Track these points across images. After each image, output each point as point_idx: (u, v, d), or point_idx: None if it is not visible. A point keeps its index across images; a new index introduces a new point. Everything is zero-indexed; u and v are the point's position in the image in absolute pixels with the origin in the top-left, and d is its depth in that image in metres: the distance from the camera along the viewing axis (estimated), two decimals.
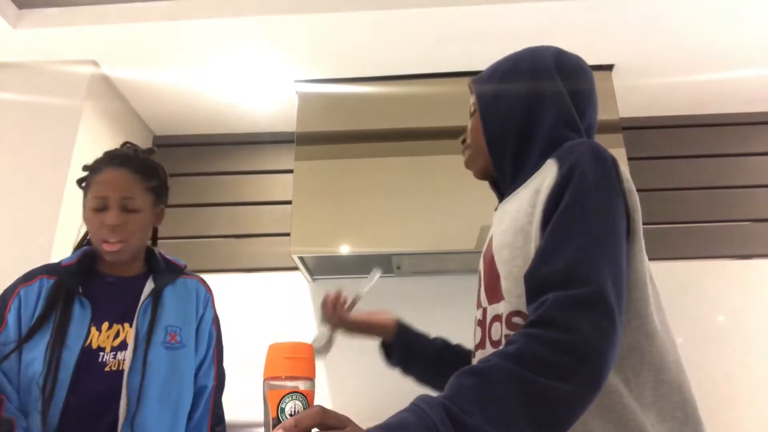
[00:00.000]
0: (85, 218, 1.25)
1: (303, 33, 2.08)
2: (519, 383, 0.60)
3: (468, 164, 1.04)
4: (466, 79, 1.05)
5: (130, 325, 1.19)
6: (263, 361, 0.64)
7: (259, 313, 2.34)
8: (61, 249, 1.90)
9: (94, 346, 1.15)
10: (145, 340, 1.18)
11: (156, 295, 1.25)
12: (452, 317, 2.33)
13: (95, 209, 1.22)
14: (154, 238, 1.43)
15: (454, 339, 1.13)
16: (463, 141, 1.05)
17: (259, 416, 0.62)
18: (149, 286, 1.25)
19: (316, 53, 2.19)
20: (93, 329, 1.16)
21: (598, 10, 1.98)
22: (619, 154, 2.08)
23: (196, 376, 1.28)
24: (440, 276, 2.34)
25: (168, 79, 2.30)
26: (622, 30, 2.06)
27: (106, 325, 1.18)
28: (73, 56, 2.16)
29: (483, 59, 1.01)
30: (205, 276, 2.38)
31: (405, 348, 1.08)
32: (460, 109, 2.26)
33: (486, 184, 1.05)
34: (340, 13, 2.00)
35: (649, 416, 0.72)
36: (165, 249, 2.44)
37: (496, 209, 0.97)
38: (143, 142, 2.60)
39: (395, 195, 2.11)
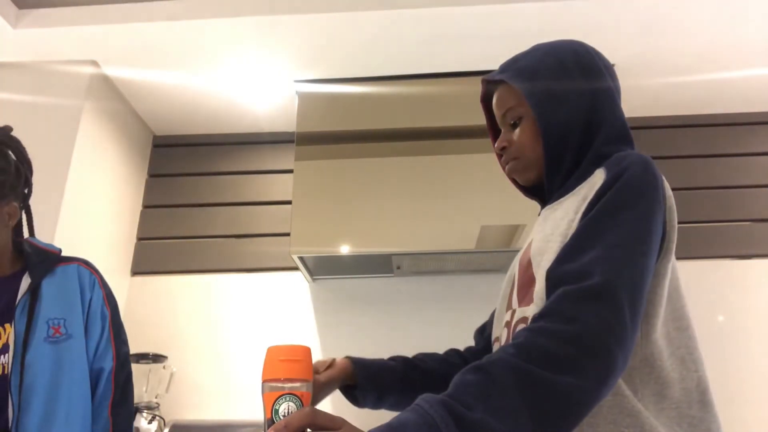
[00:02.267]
0: None
1: (303, 33, 2.08)
2: (521, 375, 0.59)
3: (514, 175, 0.95)
4: (467, 79, 1.02)
5: (11, 326, 1.14)
6: (262, 360, 0.65)
7: (259, 313, 2.34)
8: (61, 248, 1.90)
9: None
10: (23, 339, 1.13)
11: (34, 291, 1.19)
12: (452, 317, 2.34)
13: None
14: (20, 233, 1.33)
15: (455, 339, 1.13)
16: (502, 149, 0.95)
17: (258, 416, 0.62)
18: (26, 282, 1.19)
19: (316, 53, 2.19)
20: None
21: (598, 10, 1.98)
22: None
23: (93, 359, 1.23)
24: (440, 276, 2.34)
25: (168, 79, 2.30)
26: (622, 30, 2.06)
27: None
28: (73, 56, 2.17)
29: (483, 59, 1.00)
30: (205, 276, 2.43)
31: (373, 384, 1.00)
32: (460, 109, 2.28)
33: (486, 184, 1.05)
34: (340, 13, 2.00)
35: (659, 424, 0.72)
36: (165, 249, 2.47)
37: (539, 214, 0.96)
38: (143, 142, 2.60)
39: (395, 195, 2.11)
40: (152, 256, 2.46)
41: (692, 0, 1.94)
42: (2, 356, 1.11)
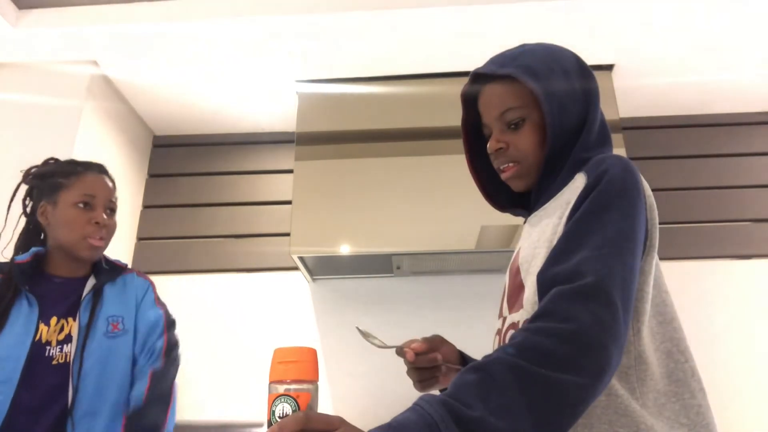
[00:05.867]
0: (65, 215, 1.29)
1: (303, 33, 2.08)
2: (519, 374, 0.60)
3: (513, 180, 0.91)
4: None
5: (74, 320, 1.26)
6: (263, 360, 0.65)
7: (259, 313, 2.34)
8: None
9: (43, 340, 1.22)
10: (85, 332, 1.24)
11: (97, 291, 1.31)
12: (452, 317, 2.34)
13: (80, 205, 1.29)
14: None
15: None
16: (498, 150, 0.90)
17: (258, 416, 0.62)
18: (90, 282, 1.32)
19: (316, 53, 2.19)
20: (41, 325, 1.23)
21: (598, 10, 1.98)
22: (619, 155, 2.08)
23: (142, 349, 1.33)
24: (440, 276, 2.34)
25: (168, 79, 2.30)
26: (622, 30, 2.06)
27: (54, 320, 1.24)
28: (73, 56, 2.17)
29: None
30: (205, 276, 2.43)
31: None
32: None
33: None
34: (340, 13, 2.01)
35: (658, 422, 0.72)
36: (165, 249, 2.47)
37: (524, 222, 0.96)
38: (143, 142, 2.60)
39: (395, 195, 2.11)
40: (152, 256, 2.46)
41: (692, 0, 1.95)
42: (66, 346, 1.23)
